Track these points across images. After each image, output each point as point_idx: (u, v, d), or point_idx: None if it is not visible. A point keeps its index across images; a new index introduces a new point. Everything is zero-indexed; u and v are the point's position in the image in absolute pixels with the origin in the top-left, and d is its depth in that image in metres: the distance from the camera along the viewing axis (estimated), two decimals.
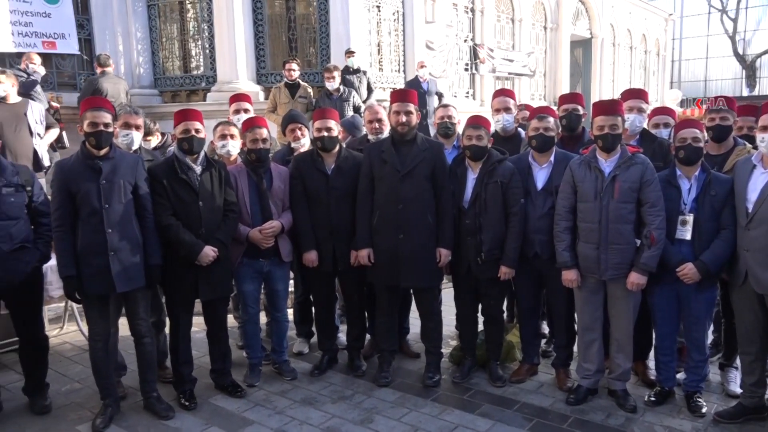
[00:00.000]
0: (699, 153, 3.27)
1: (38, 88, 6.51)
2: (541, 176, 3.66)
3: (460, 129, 4.09)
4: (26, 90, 6.16)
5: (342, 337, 4.34)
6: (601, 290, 3.50)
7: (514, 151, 4.04)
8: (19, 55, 7.29)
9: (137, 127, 3.70)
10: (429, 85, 8.54)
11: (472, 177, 3.71)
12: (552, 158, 3.65)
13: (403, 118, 3.67)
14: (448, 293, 4.18)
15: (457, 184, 3.73)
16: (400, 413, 3.51)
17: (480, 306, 3.93)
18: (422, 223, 3.67)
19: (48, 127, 5.98)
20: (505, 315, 4.15)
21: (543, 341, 4.26)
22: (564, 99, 4.02)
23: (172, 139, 3.82)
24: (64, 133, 6.36)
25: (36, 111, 5.76)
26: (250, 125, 3.79)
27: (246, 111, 4.63)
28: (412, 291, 4.05)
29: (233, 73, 8.27)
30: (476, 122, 3.68)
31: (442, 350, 4.03)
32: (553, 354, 3.99)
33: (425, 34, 9.97)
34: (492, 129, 3.93)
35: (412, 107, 3.71)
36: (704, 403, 3.43)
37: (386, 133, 4.09)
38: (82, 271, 3.26)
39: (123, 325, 3.54)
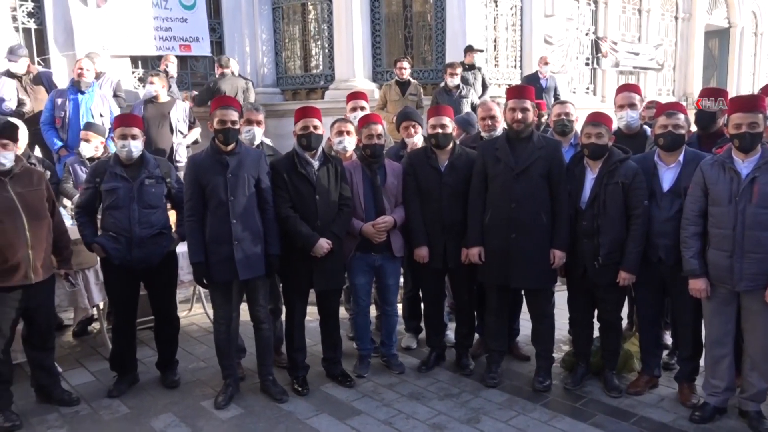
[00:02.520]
0: None
1: (174, 88, 7.08)
2: (668, 177, 3.43)
3: (578, 126, 3.93)
4: None
5: (450, 334, 4.32)
6: (733, 301, 3.22)
7: (639, 150, 3.81)
8: (159, 57, 7.95)
9: (258, 123, 3.95)
10: (548, 82, 8.29)
11: (590, 177, 3.55)
12: (681, 158, 3.41)
13: (519, 115, 3.58)
14: (561, 296, 4.04)
15: (575, 184, 3.59)
16: (508, 415, 3.45)
17: (596, 311, 3.76)
18: (536, 223, 3.57)
19: (191, 125, 6.48)
20: (624, 322, 3.94)
21: (665, 352, 3.99)
22: (706, 92, 3.70)
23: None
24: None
25: (179, 110, 6.28)
26: (366, 122, 3.87)
27: (362, 108, 4.73)
28: (523, 292, 3.96)
29: (350, 72, 8.47)
30: (596, 119, 3.52)
31: (554, 355, 3.91)
32: (676, 367, 3.73)
33: (544, 29, 9.66)
34: (614, 126, 3.74)
35: (528, 104, 3.62)
36: None
37: (500, 130, 4.03)
38: (209, 258, 3.50)
39: (243, 310, 3.76)
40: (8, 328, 3.37)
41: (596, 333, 3.83)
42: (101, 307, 4.36)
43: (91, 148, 4.67)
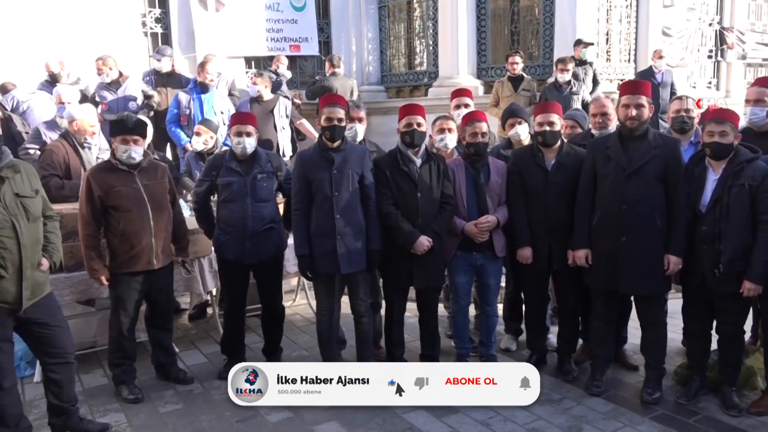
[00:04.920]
0: None
1: (284, 87, 7.38)
2: None
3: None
4: (274, 89, 7.01)
5: (552, 338, 4.20)
6: None
7: None
8: (270, 58, 8.31)
9: (360, 120, 4.02)
10: (664, 76, 7.79)
11: (713, 178, 3.31)
12: None
13: (633, 112, 3.40)
14: (675, 303, 3.80)
15: (695, 186, 3.35)
16: (613, 426, 3.30)
17: (714, 322, 3.50)
18: (649, 226, 3.37)
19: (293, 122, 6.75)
20: (747, 336, 3.63)
21: None
22: None
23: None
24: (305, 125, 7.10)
25: (282, 107, 6.54)
26: (470, 119, 3.83)
27: (466, 106, 4.68)
28: (633, 298, 3.76)
29: (454, 69, 8.42)
30: (720, 116, 3.27)
31: (665, 366, 3.68)
32: None
33: (662, 20, 9.09)
34: (741, 123, 3.46)
35: (644, 100, 3.43)
36: None
37: (612, 128, 3.84)
38: (314, 251, 3.62)
39: (345, 303, 3.86)
40: (133, 308, 3.66)
41: (714, 345, 3.56)
42: (214, 293, 4.64)
43: (201, 141, 4.96)
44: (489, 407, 3.50)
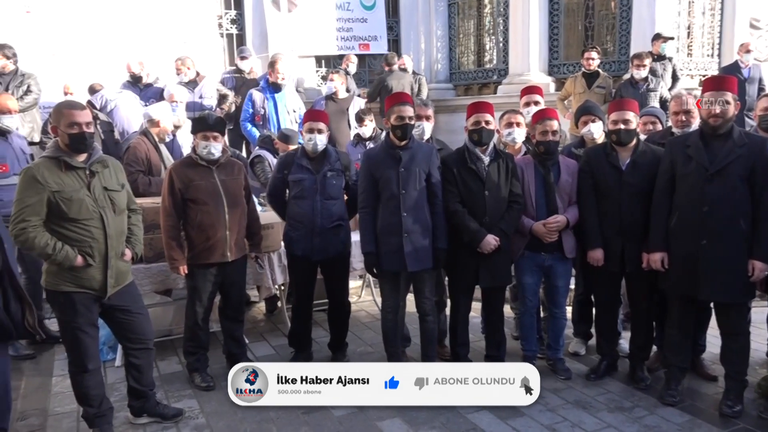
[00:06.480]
0: None
1: (352, 84, 7.47)
2: None
3: None
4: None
5: (624, 343, 4.06)
6: None
7: None
8: (340, 56, 8.43)
9: (427, 118, 4.01)
10: (752, 71, 7.35)
11: None
12: None
13: (717, 109, 3.22)
14: (759, 312, 3.59)
15: None
16: None
17: None
18: (732, 230, 3.19)
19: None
20: None
21: None
22: None
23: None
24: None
25: (356, 105, 6.62)
26: (541, 117, 3.75)
27: (536, 103, 4.58)
28: (712, 305, 3.58)
29: (525, 65, 8.27)
30: None
31: (747, 378, 3.48)
32: None
33: (749, 11, 8.58)
34: None
35: (729, 96, 3.24)
36: None
37: (695, 126, 3.67)
38: (380, 248, 3.65)
39: (410, 301, 3.86)
40: (207, 299, 3.81)
41: None
42: (283, 287, 4.76)
43: None
44: (556, 412, 3.43)
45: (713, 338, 3.75)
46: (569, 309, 4.22)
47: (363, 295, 5.57)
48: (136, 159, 4.58)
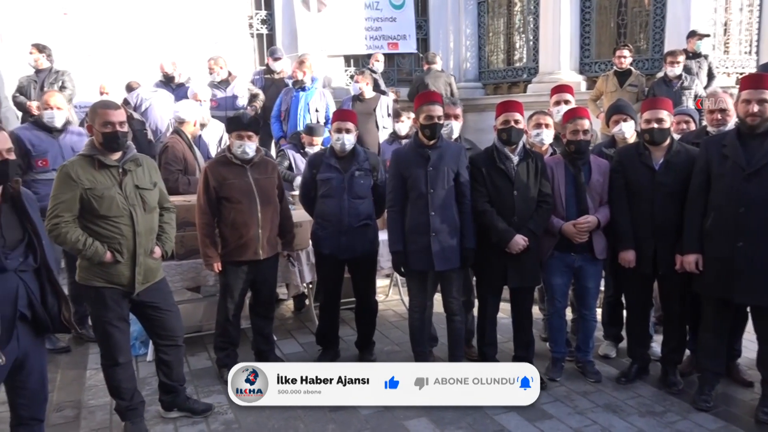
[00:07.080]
0: None
1: (381, 83, 7.48)
2: None
3: None
4: (375, 87, 7.12)
5: (655, 347, 3.98)
6: None
7: None
8: (369, 56, 8.44)
9: (456, 117, 4.00)
10: None
11: None
12: None
13: (755, 108, 3.14)
14: None
15: None
16: None
17: None
18: None
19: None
20: None
21: None
22: None
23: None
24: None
25: (384, 105, 6.63)
26: (572, 116, 3.70)
27: (567, 102, 4.52)
28: (749, 308, 3.49)
29: (555, 64, 8.17)
30: None
31: None
32: None
33: None
34: None
35: (767, 95, 3.16)
36: None
37: (730, 125, 3.58)
38: (408, 247, 3.64)
39: (437, 300, 3.85)
40: (239, 296, 3.86)
41: None
42: (311, 285, 4.79)
43: (317, 148, 5.06)
44: (585, 415, 3.39)
45: (750, 343, 3.65)
46: (599, 311, 4.16)
47: (390, 294, 5.57)
48: (175, 158, 4.63)
